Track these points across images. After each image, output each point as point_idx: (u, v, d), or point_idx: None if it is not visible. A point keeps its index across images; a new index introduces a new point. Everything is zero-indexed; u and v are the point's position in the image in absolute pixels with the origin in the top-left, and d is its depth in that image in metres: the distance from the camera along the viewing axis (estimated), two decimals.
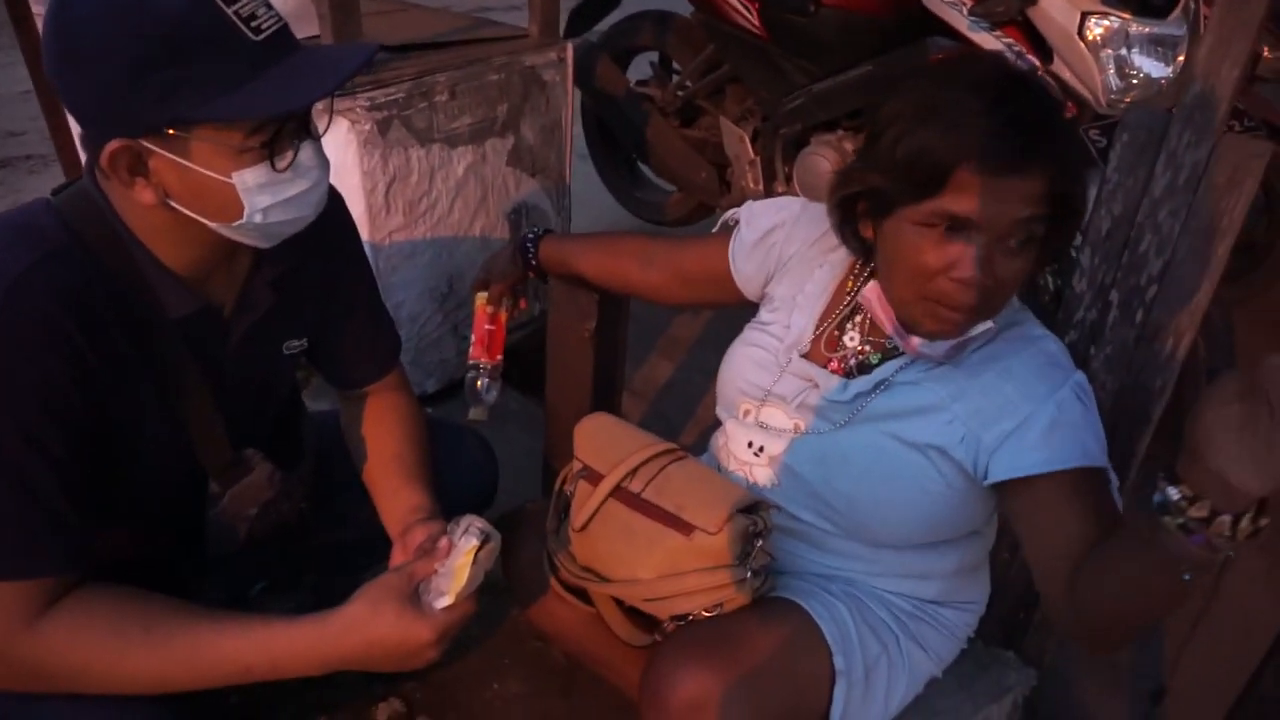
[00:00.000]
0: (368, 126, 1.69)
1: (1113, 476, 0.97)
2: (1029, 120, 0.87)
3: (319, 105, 0.90)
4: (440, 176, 1.88)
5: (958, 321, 0.95)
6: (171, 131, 0.80)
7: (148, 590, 0.90)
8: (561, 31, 2.10)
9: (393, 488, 1.14)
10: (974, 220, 0.88)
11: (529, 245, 1.39)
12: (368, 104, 1.68)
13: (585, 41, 2.82)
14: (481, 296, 1.45)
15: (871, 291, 1.01)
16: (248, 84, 0.79)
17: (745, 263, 1.19)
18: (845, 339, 1.08)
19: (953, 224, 0.90)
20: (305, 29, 1.80)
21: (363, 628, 0.90)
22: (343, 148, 1.70)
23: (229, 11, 0.79)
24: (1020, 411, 0.95)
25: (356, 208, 1.76)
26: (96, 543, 0.90)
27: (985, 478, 0.97)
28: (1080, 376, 0.99)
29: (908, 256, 0.93)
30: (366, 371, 1.23)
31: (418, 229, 1.88)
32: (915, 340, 0.99)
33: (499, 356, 1.48)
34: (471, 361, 1.48)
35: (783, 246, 1.16)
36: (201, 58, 0.78)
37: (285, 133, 0.86)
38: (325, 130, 0.93)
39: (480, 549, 0.95)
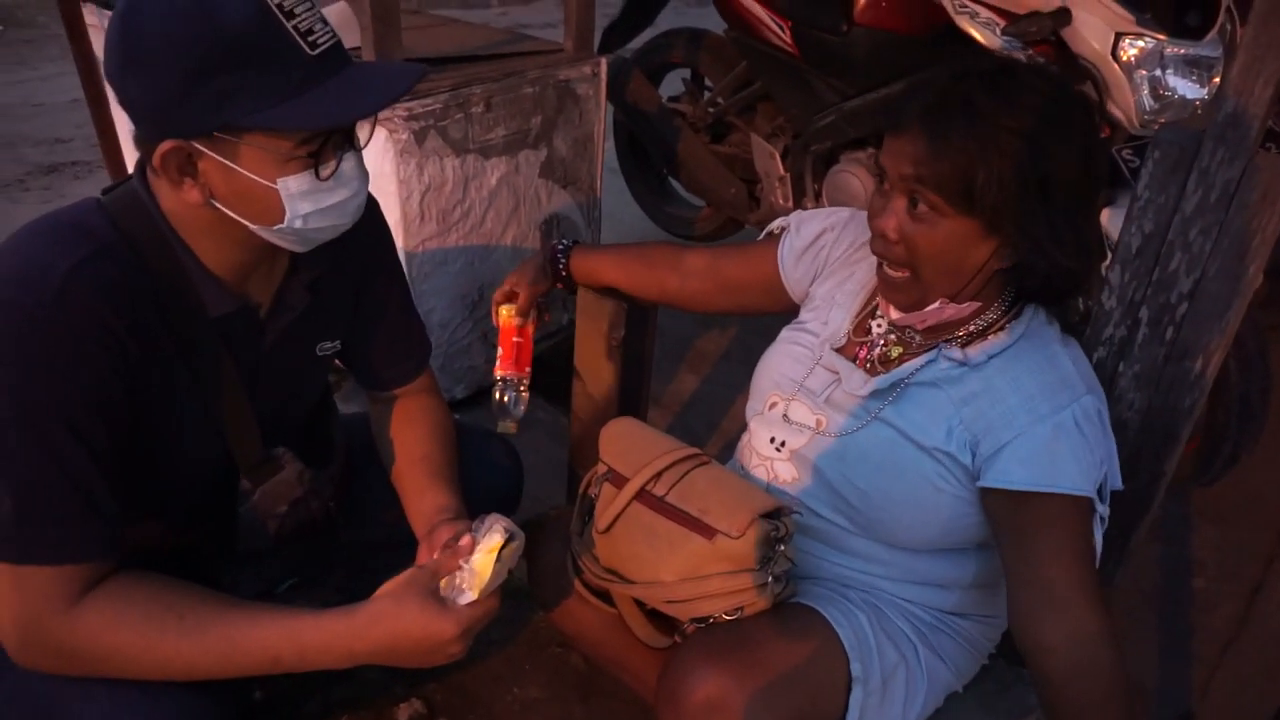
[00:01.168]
0: (405, 136, 1.73)
1: (1098, 507, 0.99)
2: (953, 96, 0.94)
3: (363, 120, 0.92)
4: (474, 186, 1.91)
5: (889, 279, 1.04)
6: (222, 135, 0.83)
7: (181, 579, 0.92)
8: (596, 47, 2.13)
9: (420, 488, 1.16)
10: (884, 171, 0.99)
11: (560, 256, 1.41)
12: (405, 114, 1.72)
13: (619, 57, 2.86)
14: (507, 309, 1.45)
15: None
16: (301, 96, 0.83)
17: (795, 267, 1.23)
18: (873, 324, 1.13)
19: (879, 178, 1.01)
20: (348, 40, 1.85)
21: (388, 621, 0.91)
22: (380, 156, 1.74)
23: (289, 25, 0.82)
24: (1018, 425, 0.99)
25: (392, 215, 1.80)
26: (130, 533, 0.92)
27: (977, 481, 1.02)
28: (1088, 400, 1.00)
29: (868, 209, 1.05)
30: (397, 374, 1.25)
31: (450, 237, 1.91)
32: (891, 310, 1.07)
33: (527, 369, 1.48)
34: (499, 375, 1.48)
35: (830, 250, 1.21)
36: (259, 68, 0.81)
37: (331, 143, 0.88)
38: (367, 143, 0.96)
39: (504, 547, 0.96)
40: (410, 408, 1.25)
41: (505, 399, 1.48)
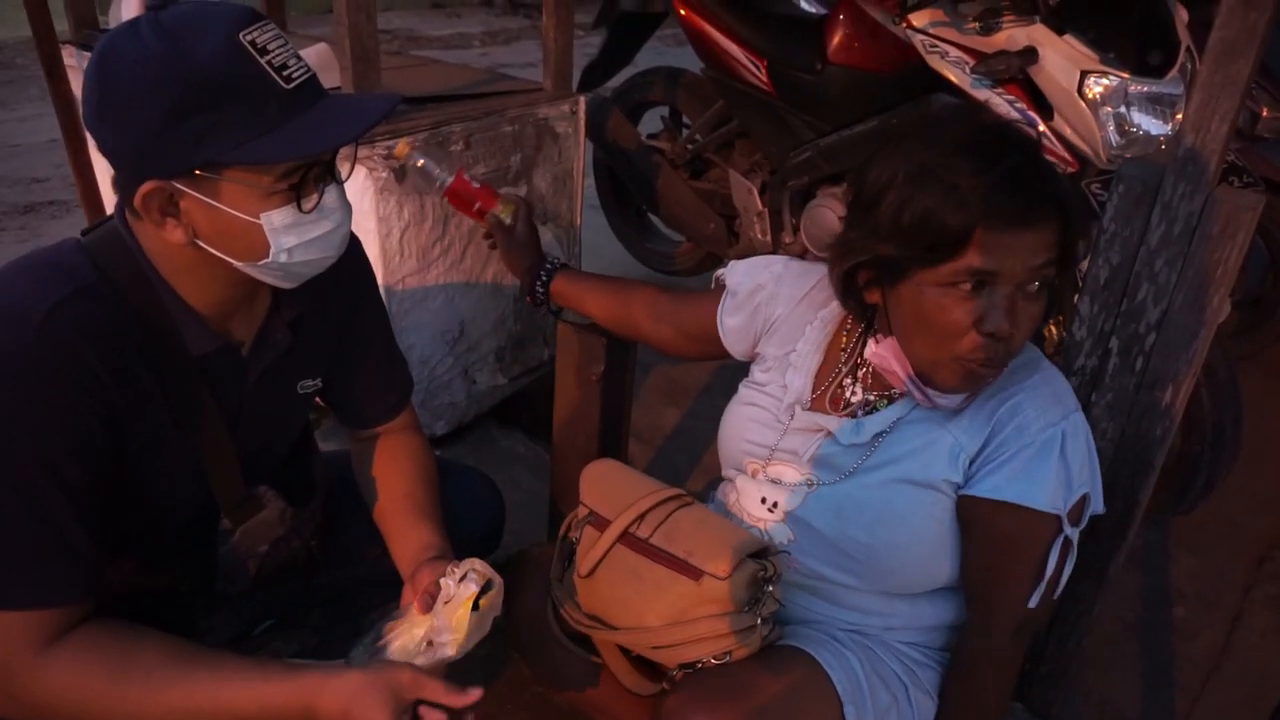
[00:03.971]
0: (384, 174, 1.74)
1: (1066, 529, 0.99)
2: (1025, 172, 0.90)
3: (343, 151, 0.93)
4: (454, 223, 1.92)
5: (990, 378, 0.98)
6: (203, 174, 0.83)
7: (153, 629, 0.91)
8: (575, 86, 2.16)
9: (403, 526, 1.15)
10: (999, 274, 0.91)
11: (543, 275, 1.40)
12: (385, 152, 1.73)
13: (598, 96, 2.90)
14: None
15: (885, 349, 1.02)
16: (279, 129, 0.83)
17: (731, 321, 1.21)
18: (848, 394, 1.09)
19: (978, 281, 0.91)
20: (328, 80, 1.86)
21: (347, 701, 0.88)
22: (360, 194, 1.75)
23: (262, 61, 0.82)
24: (1007, 441, 0.99)
25: (371, 251, 1.80)
26: (109, 572, 0.91)
27: (960, 490, 1.01)
28: (1078, 418, 1.01)
29: (934, 317, 0.94)
30: (379, 411, 1.25)
31: (430, 274, 1.92)
32: (933, 394, 1.00)
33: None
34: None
35: (768, 307, 1.18)
36: (235, 104, 0.81)
37: (311, 176, 0.89)
38: (348, 176, 0.97)
39: (481, 595, 0.94)
40: (392, 445, 1.25)
41: (420, 164, 1.38)
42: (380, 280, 1.83)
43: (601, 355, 1.45)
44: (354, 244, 1.15)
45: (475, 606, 0.94)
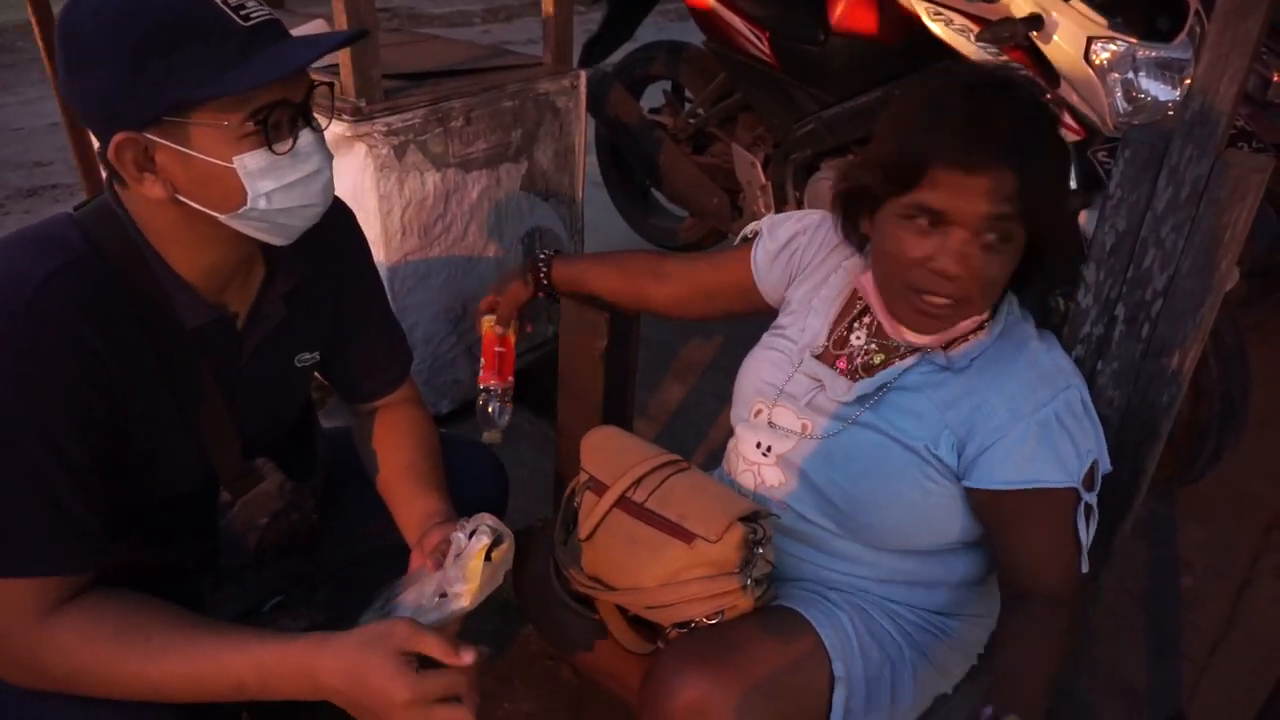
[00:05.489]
0: (385, 151, 1.73)
1: (1084, 496, 1.01)
2: (1001, 121, 0.92)
3: (320, 99, 0.93)
4: (455, 200, 1.91)
5: (937, 312, 1.00)
6: (171, 119, 0.83)
7: (156, 598, 0.91)
8: (575, 61, 2.15)
9: (408, 495, 1.15)
10: (948, 214, 0.94)
11: (541, 266, 1.42)
12: (385, 129, 1.72)
13: (599, 71, 2.87)
14: (489, 319, 1.46)
15: (866, 280, 1.07)
16: (241, 64, 0.83)
17: (769, 270, 1.24)
18: (852, 337, 1.12)
19: (931, 218, 0.95)
20: (327, 59, 1.85)
21: (349, 661, 0.87)
22: (360, 171, 1.74)
23: (218, 1, 0.83)
24: (1001, 426, 1.00)
25: (372, 230, 1.80)
26: (111, 549, 0.91)
27: (962, 481, 1.03)
28: (1070, 393, 1.02)
29: (891, 247, 0.99)
30: (378, 385, 1.25)
31: (432, 251, 1.91)
32: (905, 330, 1.04)
33: (510, 378, 1.49)
34: (482, 385, 1.49)
35: (803, 253, 1.21)
36: (195, 43, 0.81)
37: (283, 119, 0.88)
38: (327, 125, 0.96)
39: (492, 548, 0.94)
40: (394, 418, 1.25)
41: (489, 409, 1.48)
42: (381, 258, 1.82)
43: (604, 330, 1.45)
44: (349, 217, 1.14)
45: (488, 558, 0.94)
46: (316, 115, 0.93)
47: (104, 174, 0.92)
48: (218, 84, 0.82)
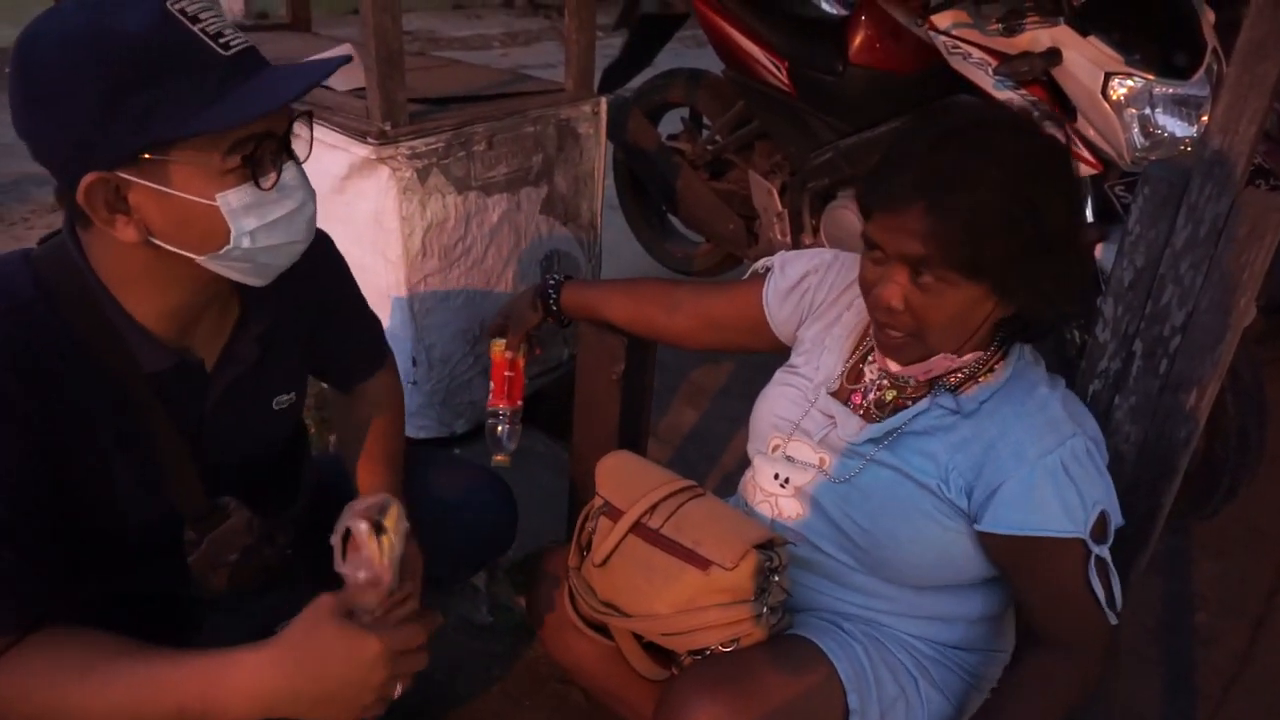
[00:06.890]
0: (408, 174, 1.76)
1: (1093, 548, 1.00)
2: (943, 166, 0.92)
3: (299, 131, 0.88)
4: (475, 223, 1.94)
5: (895, 343, 1.02)
6: (149, 157, 0.78)
7: (102, 631, 0.86)
8: (596, 87, 2.17)
9: (363, 475, 1.18)
10: (884, 247, 0.97)
11: (550, 291, 1.43)
12: (409, 152, 1.75)
13: (619, 97, 2.90)
14: (498, 343, 1.47)
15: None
16: (224, 97, 0.78)
17: (780, 308, 1.24)
18: (866, 372, 1.13)
19: (877, 251, 0.99)
20: (353, 81, 1.88)
21: (302, 645, 0.81)
22: (383, 194, 1.77)
23: (195, 29, 0.77)
24: (1007, 470, 1.00)
25: (394, 251, 1.82)
26: (77, 584, 0.88)
27: (974, 524, 1.03)
28: (1076, 442, 1.01)
29: (860, 273, 1.04)
30: (359, 375, 1.26)
31: (452, 273, 1.93)
32: (887, 360, 1.06)
33: (519, 402, 1.50)
34: (491, 408, 1.50)
35: (814, 292, 1.21)
36: (173, 75, 0.76)
37: (266, 152, 0.84)
38: (306, 157, 0.90)
39: (379, 525, 0.87)
40: (370, 392, 1.26)
41: (499, 431, 1.49)
42: (402, 280, 1.85)
43: (622, 355, 1.46)
44: (325, 243, 1.11)
45: (381, 531, 0.87)
46: (294, 147, 0.88)
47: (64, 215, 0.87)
48: (203, 119, 0.77)
